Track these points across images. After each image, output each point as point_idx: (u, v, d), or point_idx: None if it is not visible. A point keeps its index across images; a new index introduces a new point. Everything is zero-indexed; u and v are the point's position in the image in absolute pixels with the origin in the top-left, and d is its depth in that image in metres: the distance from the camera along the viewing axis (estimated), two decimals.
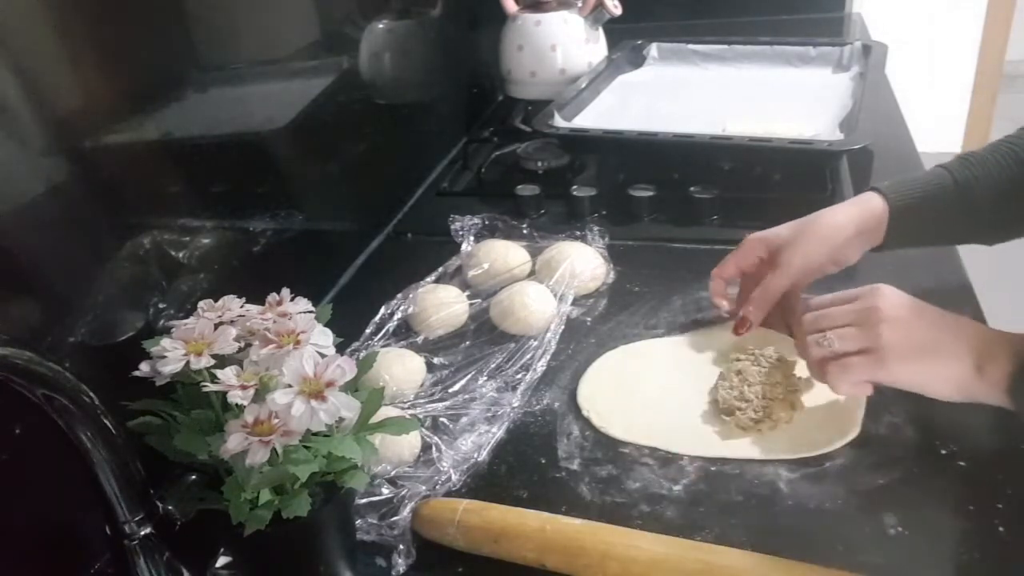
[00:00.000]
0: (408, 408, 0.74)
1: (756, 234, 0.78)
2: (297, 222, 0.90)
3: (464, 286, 0.91)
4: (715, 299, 0.81)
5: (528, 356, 0.79)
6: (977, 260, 0.98)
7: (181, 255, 0.71)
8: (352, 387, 0.53)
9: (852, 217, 0.74)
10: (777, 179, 1.08)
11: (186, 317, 0.54)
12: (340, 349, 0.54)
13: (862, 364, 0.63)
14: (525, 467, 0.68)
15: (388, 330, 0.84)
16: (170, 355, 0.50)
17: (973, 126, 3.25)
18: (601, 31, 1.39)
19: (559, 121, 1.14)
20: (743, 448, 0.67)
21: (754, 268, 0.78)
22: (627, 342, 0.81)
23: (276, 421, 0.48)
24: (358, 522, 0.62)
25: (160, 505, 0.54)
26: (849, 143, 1.00)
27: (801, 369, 0.72)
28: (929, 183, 0.75)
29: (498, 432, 0.71)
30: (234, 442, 0.47)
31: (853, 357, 0.64)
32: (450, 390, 0.76)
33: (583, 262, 0.89)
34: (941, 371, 0.62)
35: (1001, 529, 0.58)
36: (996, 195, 0.72)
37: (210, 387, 0.49)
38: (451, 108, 1.38)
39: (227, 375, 0.49)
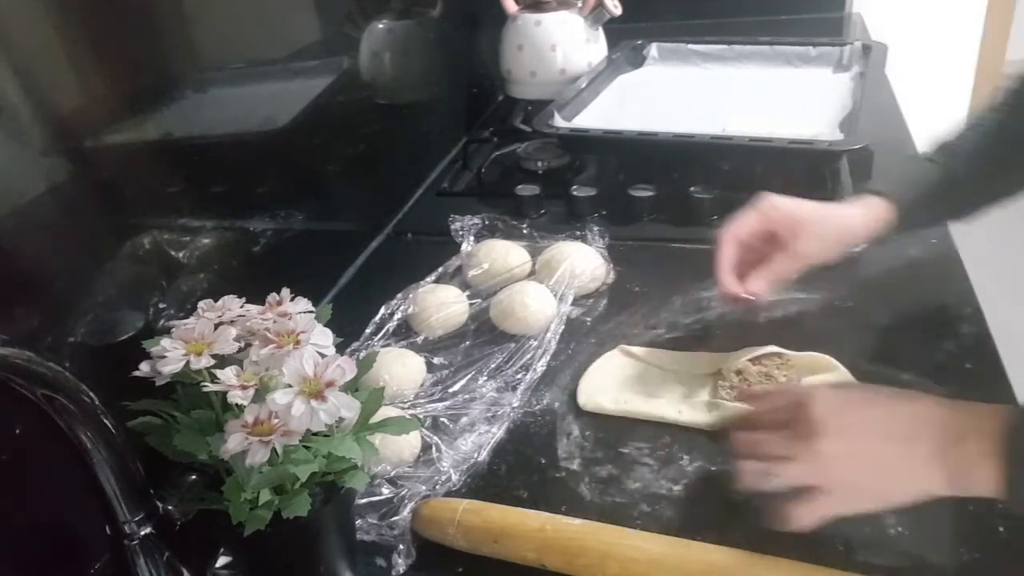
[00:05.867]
0: (408, 408, 0.74)
1: (775, 201, 0.75)
2: (297, 222, 0.90)
3: (464, 286, 0.91)
4: (729, 290, 0.74)
5: (528, 356, 0.79)
6: (978, 259, 0.98)
7: (181, 255, 0.71)
8: (352, 387, 0.53)
9: (867, 225, 0.76)
10: (777, 179, 1.08)
11: (186, 317, 0.54)
12: (340, 349, 0.54)
13: (816, 504, 0.54)
14: (525, 467, 0.68)
15: (388, 330, 0.84)
16: (170, 355, 0.50)
17: None
18: (601, 31, 1.39)
19: (559, 121, 1.14)
20: None
21: (760, 239, 0.75)
22: (627, 342, 0.81)
23: (276, 421, 0.48)
24: (358, 522, 0.62)
25: (160, 505, 0.54)
26: (849, 143, 1.00)
27: (800, 369, 0.72)
28: (922, 180, 0.78)
29: (498, 432, 0.71)
30: (234, 442, 0.47)
31: (804, 495, 0.54)
32: (450, 390, 0.76)
33: (583, 262, 0.89)
34: (902, 490, 0.54)
35: (1001, 529, 0.58)
36: (973, 176, 0.77)
37: (210, 387, 0.49)
38: (451, 108, 1.38)
39: (227, 375, 0.49)
